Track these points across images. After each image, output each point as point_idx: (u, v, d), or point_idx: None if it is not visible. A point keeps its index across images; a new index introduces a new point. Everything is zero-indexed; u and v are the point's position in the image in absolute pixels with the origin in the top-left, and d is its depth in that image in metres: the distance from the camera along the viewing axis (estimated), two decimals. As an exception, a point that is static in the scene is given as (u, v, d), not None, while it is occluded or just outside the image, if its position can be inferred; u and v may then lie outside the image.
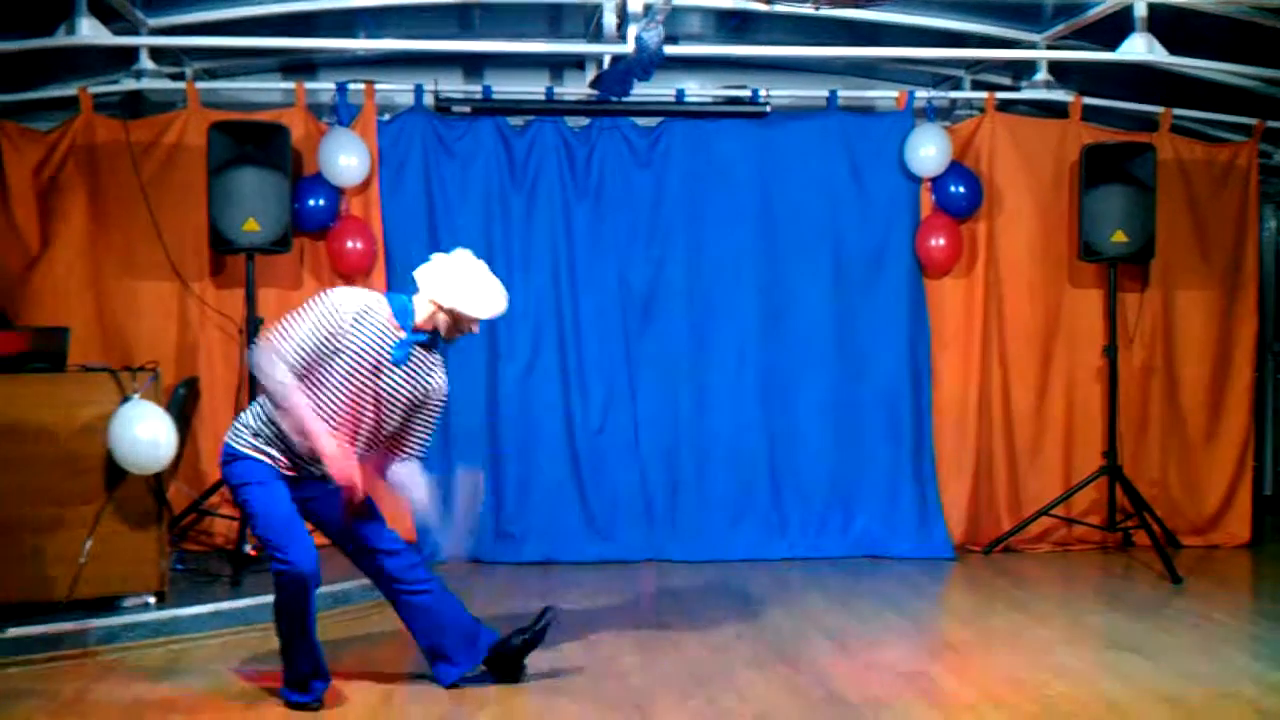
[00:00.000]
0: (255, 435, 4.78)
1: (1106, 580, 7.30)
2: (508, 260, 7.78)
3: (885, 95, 8.24)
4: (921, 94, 8.11)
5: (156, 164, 7.48)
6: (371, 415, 4.77)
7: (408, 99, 7.81)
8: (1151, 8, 6.76)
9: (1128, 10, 6.80)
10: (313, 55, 8.03)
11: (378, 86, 7.68)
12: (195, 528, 7.34)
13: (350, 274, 7.57)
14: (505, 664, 5.15)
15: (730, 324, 7.94)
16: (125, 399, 5.77)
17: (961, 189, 7.87)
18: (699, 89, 8.15)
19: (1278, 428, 9.66)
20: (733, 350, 7.94)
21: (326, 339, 4.65)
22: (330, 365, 4.68)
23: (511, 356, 7.81)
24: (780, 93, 7.99)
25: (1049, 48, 7.57)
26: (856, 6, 6.27)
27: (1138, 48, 6.88)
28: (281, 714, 4.81)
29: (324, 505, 4.88)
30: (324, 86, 7.79)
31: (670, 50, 6.58)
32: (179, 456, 6.74)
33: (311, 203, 7.47)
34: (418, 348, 4.82)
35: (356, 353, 4.68)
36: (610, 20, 6.89)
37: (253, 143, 7.10)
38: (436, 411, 4.96)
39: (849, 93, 8.16)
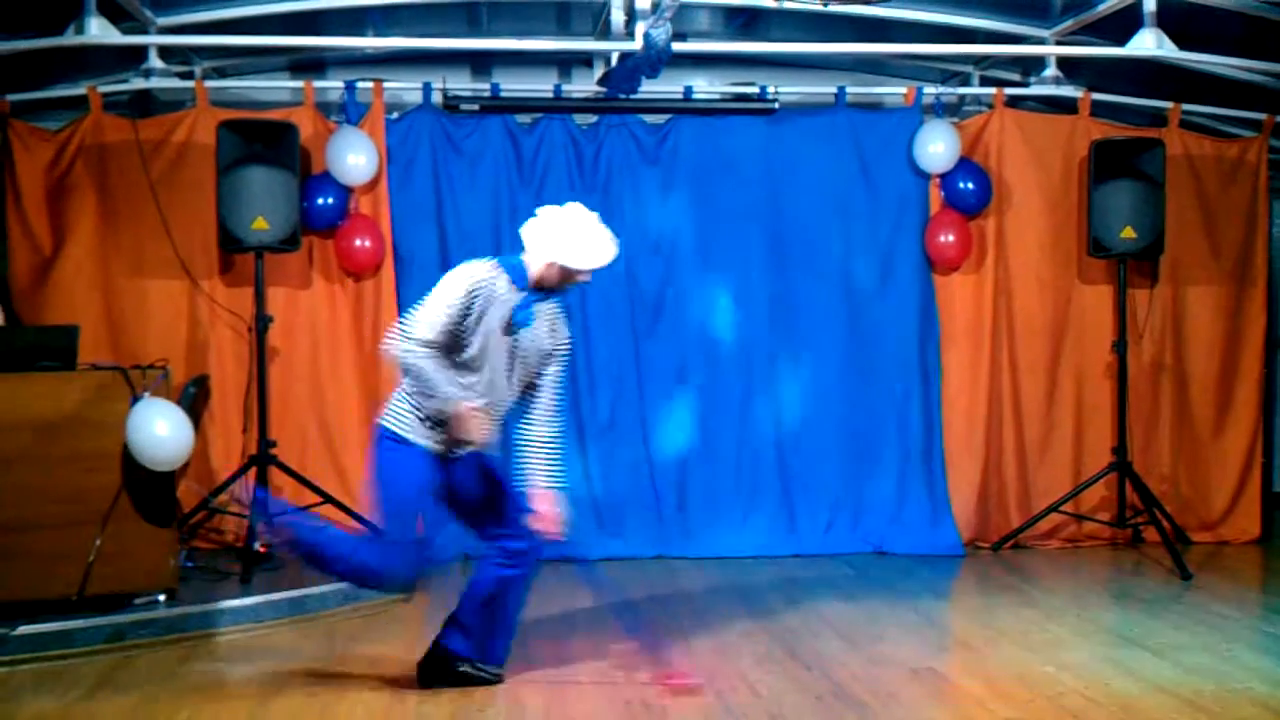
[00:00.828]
0: (409, 417, 4.89)
1: (1116, 576, 7.29)
2: (516, 257, 7.78)
3: (893, 92, 8.22)
4: (930, 90, 8.10)
5: (165, 163, 7.49)
6: (507, 375, 4.92)
7: (416, 97, 7.81)
8: (1160, 3, 6.74)
9: (1137, 5, 6.78)
10: (321, 54, 8.03)
11: (386, 85, 7.68)
12: (205, 525, 7.36)
13: (359, 272, 7.59)
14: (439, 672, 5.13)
15: (739, 320, 7.93)
16: (136, 397, 5.79)
17: (970, 185, 7.85)
18: (707, 86, 8.14)
19: (1288, 424, 9.63)
20: (741, 346, 7.94)
21: (457, 315, 4.76)
22: (464, 338, 4.80)
23: (520, 354, 7.80)
24: (788, 89, 7.98)
25: (1058, 43, 7.56)
26: (864, 3, 6.25)
27: (1147, 43, 6.86)
28: (290, 710, 4.82)
29: (465, 487, 5.00)
30: (332, 85, 7.80)
31: (678, 47, 6.58)
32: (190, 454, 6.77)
33: (320, 201, 7.48)
34: (538, 305, 4.94)
35: (485, 321, 4.80)
36: (618, 18, 6.90)
37: (261, 141, 7.11)
38: (562, 362, 5.09)
39: (857, 89, 8.15)
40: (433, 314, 4.77)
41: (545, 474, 5.00)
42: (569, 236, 4.87)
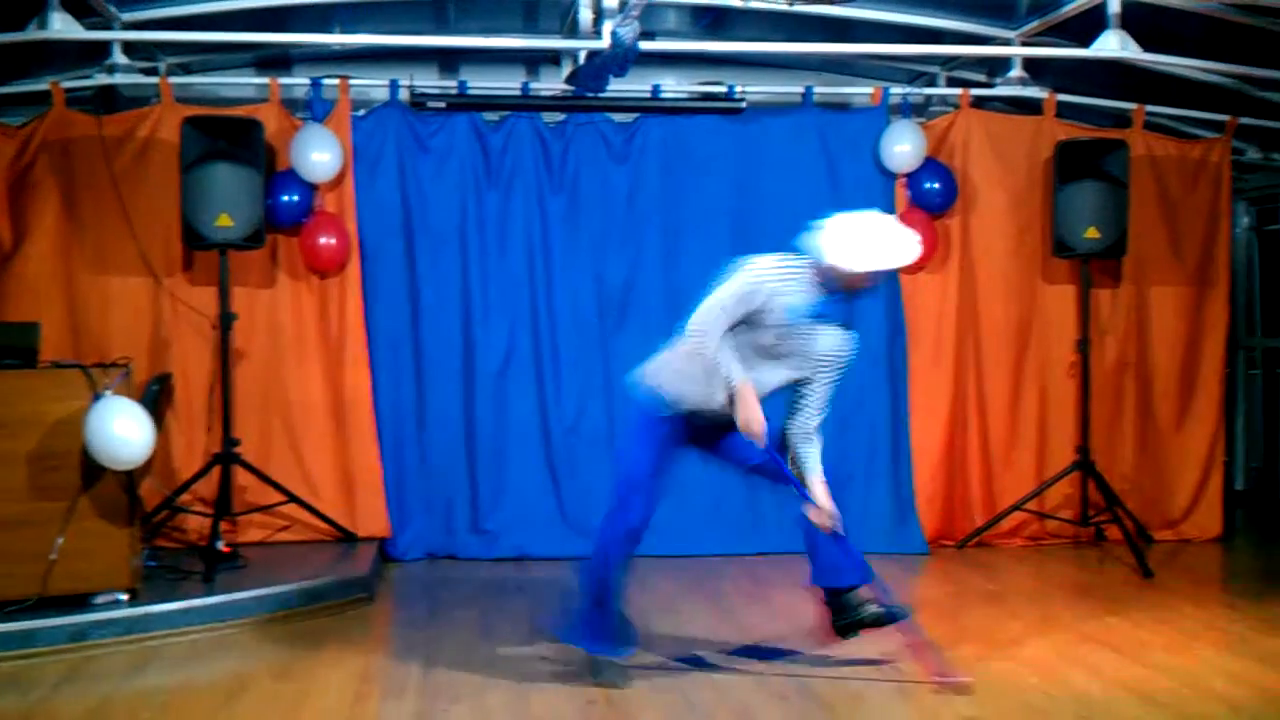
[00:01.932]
0: (670, 378, 5.17)
1: (1079, 574, 7.34)
2: (483, 256, 7.78)
3: (860, 92, 8.25)
4: (896, 90, 8.12)
5: (129, 159, 7.42)
6: (786, 373, 5.13)
7: (382, 94, 7.78)
8: (1125, 4, 6.79)
9: (1101, 7, 6.82)
10: (287, 50, 7.99)
11: (352, 82, 7.65)
12: (168, 524, 7.31)
13: (324, 270, 7.55)
14: (845, 616, 5.33)
15: (706, 320, 7.92)
16: (97, 395, 5.74)
17: (936, 185, 7.89)
18: (675, 85, 8.15)
19: (1249, 423, 9.72)
20: (708, 346, 7.93)
21: (751, 305, 5.00)
22: (753, 329, 5.02)
23: (487, 352, 7.79)
24: (756, 89, 8.00)
25: (1023, 44, 7.60)
26: (830, 3, 6.28)
27: (1111, 44, 6.91)
28: (253, 711, 4.80)
29: (726, 440, 5.28)
30: (298, 82, 7.76)
31: (646, 46, 6.59)
32: (151, 453, 6.71)
33: (285, 198, 7.43)
34: (828, 308, 5.10)
35: (777, 316, 5.01)
36: (586, 16, 6.90)
37: (226, 138, 7.06)
38: (840, 369, 5.22)
39: (824, 89, 8.18)
40: (722, 301, 5.01)
41: (816, 467, 5.23)
42: (854, 245, 5.03)
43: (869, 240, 5.05)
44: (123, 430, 5.69)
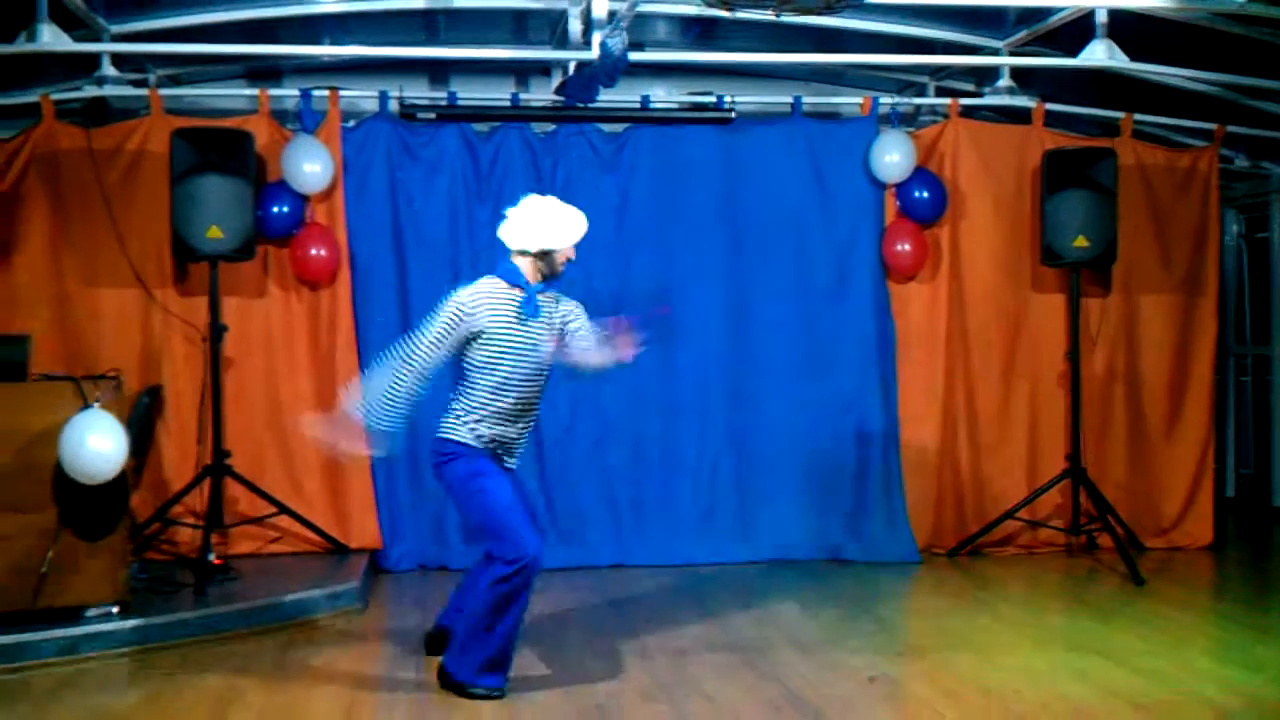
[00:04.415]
0: (471, 425, 5.19)
1: (1070, 582, 7.35)
2: (473, 267, 7.72)
3: (850, 102, 8.27)
4: (886, 100, 8.15)
5: (119, 171, 7.42)
6: (537, 363, 5.27)
7: (372, 105, 7.79)
8: (1112, 14, 6.81)
9: (1089, 17, 6.85)
10: (277, 62, 8.00)
11: (342, 93, 7.66)
12: (159, 537, 7.29)
13: (314, 281, 7.54)
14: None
15: (696, 329, 7.93)
16: (85, 407, 5.72)
17: (925, 194, 7.91)
18: (665, 95, 8.16)
19: (1239, 430, 9.75)
20: (698, 354, 7.94)
21: (457, 330, 5.11)
22: (483, 348, 5.14)
23: (478, 363, 7.78)
24: (745, 99, 8.02)
25: (1011, 54, 7.62)
26: (815, 13, 6.28)
27: (1098, 54, 6.92)
28: (245, 723, 4.80)
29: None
30: (288, 93, 7.77)
31: (635, 57, 6.59)
32: (142, 465, 6.71)
33: (275, 210, 7.44)
34: (540, 296, 5.29)
35: (496, 326, 5.15)
36: (575, 27, 6.90)
37: (216, 150, 7.06)
38: (581, 320, 5.51)
39: (813, 99, 8.20)
40: (429, 338, 5.10)
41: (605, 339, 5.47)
42: (542, 225, 5.25)
43: (555, 218, 5.28)
44: (96, 445, 5.64)
